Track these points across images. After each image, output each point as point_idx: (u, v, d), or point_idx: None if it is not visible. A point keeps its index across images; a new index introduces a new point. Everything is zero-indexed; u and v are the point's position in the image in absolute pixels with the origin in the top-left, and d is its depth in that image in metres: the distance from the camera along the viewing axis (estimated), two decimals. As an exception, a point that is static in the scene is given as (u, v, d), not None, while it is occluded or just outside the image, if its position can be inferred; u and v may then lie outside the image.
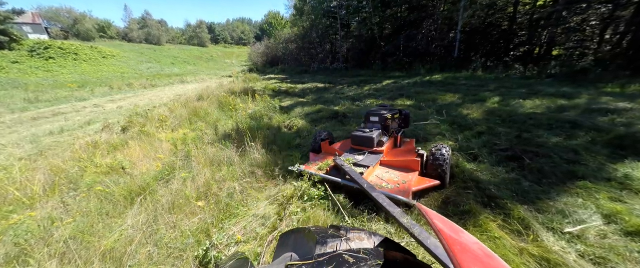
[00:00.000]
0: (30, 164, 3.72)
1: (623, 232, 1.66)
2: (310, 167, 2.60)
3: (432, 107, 5.84)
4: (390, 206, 1.36)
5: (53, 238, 1.82)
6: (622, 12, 11.19)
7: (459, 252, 0.52)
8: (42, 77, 20.47)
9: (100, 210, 2.19)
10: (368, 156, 2.62)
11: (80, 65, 25.78)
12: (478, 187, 2.31)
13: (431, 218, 0.67)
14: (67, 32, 45.03)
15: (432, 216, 0.69)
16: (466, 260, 0.49)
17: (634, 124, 3.40)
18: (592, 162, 2.55)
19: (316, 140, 3.14)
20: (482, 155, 2.94)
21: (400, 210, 1.27)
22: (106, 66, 27.48)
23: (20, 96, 13.13)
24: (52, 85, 17.52)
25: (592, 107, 4.61)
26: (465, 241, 0.59)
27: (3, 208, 2.43)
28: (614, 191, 2.07)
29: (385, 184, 2.20)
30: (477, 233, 1.75)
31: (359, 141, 2.73)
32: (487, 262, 0.51)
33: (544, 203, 2.01)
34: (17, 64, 22.39)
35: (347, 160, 2.49)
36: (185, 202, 2.24)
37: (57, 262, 1.59)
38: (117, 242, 1.78)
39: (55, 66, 24.05)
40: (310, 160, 2.87)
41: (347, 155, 2.67)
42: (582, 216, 1.81)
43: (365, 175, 2.24)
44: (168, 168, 2.84)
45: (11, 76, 19.59)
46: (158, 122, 5.69)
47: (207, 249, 1.70)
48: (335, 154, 2.80)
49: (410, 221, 1.10)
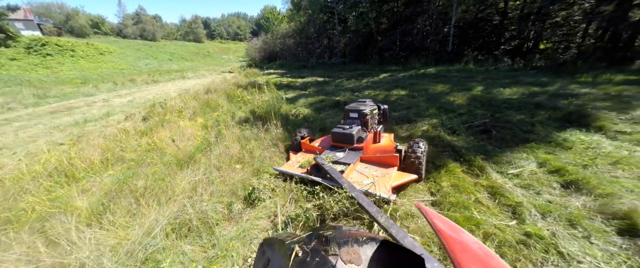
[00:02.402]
0: (75, 146, 4.31)
1: (547, 171, 2.38)
2: (291, 167, 2.62)
3: (424, 95, 6.53)
4: (369, 206, 1.42)
5: (136, 186, 2.47)
6: (605, 7, 11.79)
7: (459, 251, 0.51)
8: (43, 74, 20.58)
9: (160, 172, 2.83)
10: (348, 153, 2.63)
11: (78, 62, 25.80)
12: (453, 149, 3.01)
13: (431, 218, 0.67)
14: (60, 29, 44.27)
15: (431, 216, 0.68)
16: (466, 260, 0.48)
17: (585, 105, 4.12)
18: (542, 132, 3.26)
19: (295, 140, 3.10)
20: (460, 130, 3.64)
21: (378, 209, 1.34)
22: (105, 63, 27.52)
23: (27, 92, 13.44)
24: (54, 81, 17.74)
25: (559, 92, 5.34)
26: (465, 241, 0.58)
27: (79, 173, 3.05)
28: (550, 149, 2.79)
29: (366, 181, 2.22)
30: (446, 175, 2.45)
31: (339, 138, 2.73)
32: (486, 262, 0.50)
33: (499, 157, 2.71)
34: (16, 61, 22.40)
35: (327, 157, 2.49)
36: (227, 164, 2.90)
37: (152, 197, 2.24)
38: (186, 186, 2.43)
39: (53, 63, 24.07)
40: (291, 160, 2.85)
41: (327, 152, 2.67)
42: (523, 164, 2.53)
43: (346, 173, 2.27)
44: (205, 143, 3.48)
45: (12, 73, 19.70)
46: (176, 112, 6.27)
47: (252, 190, 2.37)
48: (316, 152, 2.77)
49: (387, 220, 1.12)
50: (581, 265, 1.42)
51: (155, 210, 2.10)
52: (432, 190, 2.31)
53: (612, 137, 2.96)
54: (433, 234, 1.71)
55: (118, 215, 2.09)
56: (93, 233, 1.86)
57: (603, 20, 11.81)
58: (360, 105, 3.02)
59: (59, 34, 41.40)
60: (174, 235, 1.89)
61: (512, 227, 1.75)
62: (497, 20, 15.49)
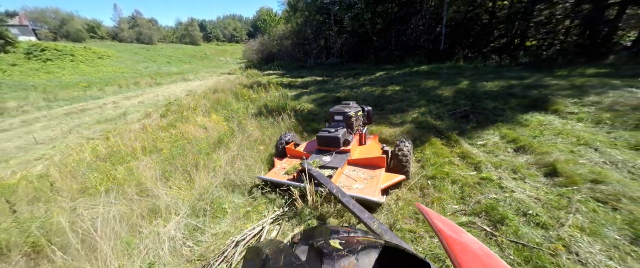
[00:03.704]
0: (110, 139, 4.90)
1: (506, 141, 3.09)
2: (277, 175, 2.53)
3: (416, 90, 7.24)
4: (361, 212, 1.41)
5: (185, 161, 3.10)
6: (585, 5, 12.50)
7: (459, 251, 0.51)
8: (46, 79, 20.88)
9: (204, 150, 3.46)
10: (335, 157, 2.59)
11: (78, 67, 26.05)
12: (436, 130, 3.72)
13: (431, 218, 0.67)
14: (55, 34, 44.11)
15: (432, 216, 0.69)
16: (466, 260, 0.49)
17: (550, 93, 4.86)
18: (510, 115, 3.98)
19: (280, 145, 3.01)
20: (444, 116, 4.34)
21: (370, 215, 1.34)
22: (104, 66, 27.78)
23: (35, 96, 13.85)
24: (59, 86, 18.08)
25: (533, 84, 6.08)
26: (466, 241, 0.59)
27: (128, 157, 3.67)
28: (512, 126, 3.50)
29: (355, 185, 2.19)
30: (430, 147, 3.13)
31: (325, 142, 2.68)
32: (487, 262, 0.51)
33: (471, 134, 3.42)
34: (17, 67, 22.62)
35: (314, 162, 2.43)
36: (252, 146, 3.55)
37: (203, 168, 2.88)
38: (227, 159, 3.08)
39: (54, 68, 24.30)
40: (276, 167, 2.75)
41: (314, 157, 2.63)
42: (489, 137, 3.23)
43: (335, 178, 2.23)
44: (229, 131, 4.12)
45: (15, 78, 19.98)
46: (191, 110, 6.88)
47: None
48: (302, 157, 2.71)
49: (380, 226, 1.12)
50: (514, 193, 2.10)
51: (207, 176, 2.74)
52: (418, 158, 2.99)
53: (563, 116, 3.68)
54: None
55: (177, 180, 2.72)
56: (165, 190, 2.49)
57: (583, 19, 12.61)
58: (344, 107, 2.99)
59: (54, 39, 41.30)
60: (224, 190, 2.53)
61: (473, 175, 2.44)
62: (486, 19, 16.31)
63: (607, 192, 1.92)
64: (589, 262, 1.42)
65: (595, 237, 1.58)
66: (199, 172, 2.79)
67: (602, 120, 3.26)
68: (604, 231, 1.61)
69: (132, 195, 2.29)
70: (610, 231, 1.61)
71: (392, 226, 1.86)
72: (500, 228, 1.71)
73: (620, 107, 3.55)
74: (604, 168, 2.25)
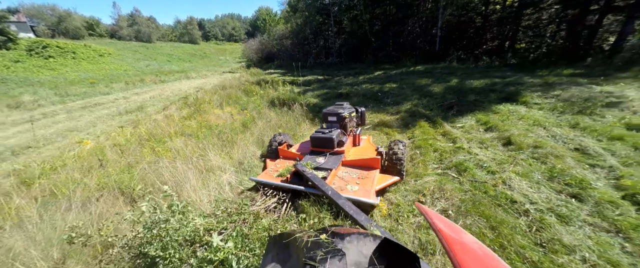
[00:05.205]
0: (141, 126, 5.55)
1: (480, 124, 3.89)
2: (269, 176, 2.48)
3: (411, 87, 8.03)
4: (357, 214, 1.40)
5: (221, 138, 3.80)
6: (571, 10, 13.30)
7: (459, 251, 0.52)
8: (51, 76, 21.21)
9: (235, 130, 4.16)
10: (329, 158, 2.57)
11: (80, 64, 26.33)
12: (426, 117, 4.50)
13: (431, 218, 0.68)
14: (53, 31, 43.98)
15: (432, 216, 0.69)
16: (466, 260, 0.49)
17: (524, 89, 5.67)
18: (486, 106, 4.77)
19: (272, 146, 2.98)
20: (433, 107, 5.12)
21: (366, 217, 1.34)
22: (106, 64, 28.09)
23: (45, 92, 14.31)
24: (65, 82, 18.50)
25: (512, 82, 6.91)
26: (466, 241, 0.59)
27: (165, 139, 4.35)
28: (487, 113, 4.29)
29: (349, 187, 2.17)
30: (419, 128, 3.90)
31: (319, 143, 2.67)
32: (487, 262, 0.51)
33: (453, 119, 4.21)
34: (20, 64, 22.89)
35: (308, 164, 2.39)
36: (274, 129, 4.26)
37: (237, 143, 3.59)
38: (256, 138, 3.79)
39: (57, 65, 24.59)
40: (268, 169, 2.71)
41: (307, 158, 2.59)
42: (466, 121, 4.01)
43: (329, 180, 2.20)
44: (251, 118, 4.83)
45: (20, 75, 20.28)
46: (206, 103, 7.56)
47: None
48: (295, 159, 2.69)
49: (377, 228, 1.14)
50: (478, 155, 2.87)
51: (239, 151, 3.44)
52: (409, 136, 3.75)
53: (529, 106, 4.49)
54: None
55: (216, 153, 3.42)
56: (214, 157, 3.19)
57: (567, 23, 13.51)
58: (338, 108, 2.99)
59: (52, 36, 41.26)
60: (256, 160, 3.25)
61: (450, 146, 3.21)
62: (479, 22, 17.23)
63: (542, 153, 2.69)
64: (515, 190, 2.18)
65: (525, 177, 2.35)
66: (235, 147, 3.50)
67: (556, 108, 4.06)
68: (532, 174, 2.38)
69: (191, 158, 3.00)
70: (536, 174, 2.38)
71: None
72: (464, 174, 2.47)
73: (575, 99, 4.35)
74: (545, 139, 3.03)
